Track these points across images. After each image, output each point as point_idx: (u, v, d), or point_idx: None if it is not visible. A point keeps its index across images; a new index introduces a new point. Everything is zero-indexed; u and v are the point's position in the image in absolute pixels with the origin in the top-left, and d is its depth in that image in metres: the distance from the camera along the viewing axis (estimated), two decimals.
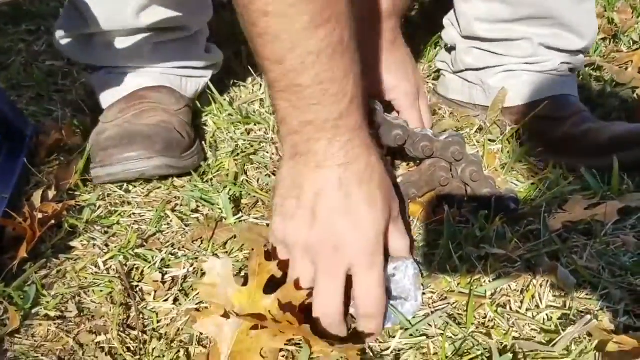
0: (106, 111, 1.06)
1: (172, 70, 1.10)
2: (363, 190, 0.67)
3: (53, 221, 0.87)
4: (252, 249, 0.80)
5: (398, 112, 0.96)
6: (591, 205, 0.88)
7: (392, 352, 0.70)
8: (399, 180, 0.88)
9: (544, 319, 0.74)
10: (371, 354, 0.70)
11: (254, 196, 0.95)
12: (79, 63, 1.20)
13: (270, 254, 0.72)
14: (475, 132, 1.11)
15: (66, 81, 1.32)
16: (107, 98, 1.08)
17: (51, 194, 0.93)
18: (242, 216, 0.91)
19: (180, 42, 1.09)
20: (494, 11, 1.04)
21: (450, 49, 1.18)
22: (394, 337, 0.71)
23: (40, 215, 0.86)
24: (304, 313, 0.68)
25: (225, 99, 1.19)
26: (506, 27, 1.05)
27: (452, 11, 1.13)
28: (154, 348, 0.72)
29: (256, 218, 0.91)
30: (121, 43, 1.05)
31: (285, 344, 0.69)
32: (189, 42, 1.11)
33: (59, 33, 1.09)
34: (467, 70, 1.13)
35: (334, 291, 0.67)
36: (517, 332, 0.72)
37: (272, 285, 0.69)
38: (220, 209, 0.92)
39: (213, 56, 1.17)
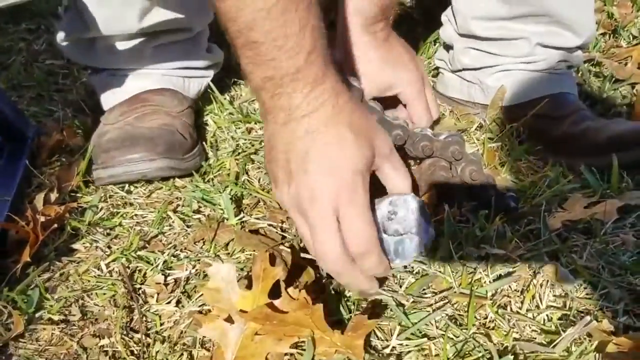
0: (107, 113, 1.06)
1: (174, 72, 1.10)
2: (330, 133, 0.65)
3: (55, 224, 0.88)
4: (256, 252, 0.80)
5: (405, 105, 0.96)
6: (591, 203, 0.89)
7: (394, 354, 0.71)
8: None
9: (544, 320, 0.74)
10: (374, 352, 0.71)
11: (255, 196, 0.96)
12: (80, 63, 1.20)
13: (274, 258, 0.73)
14: (475, 129, 1.11)
15: (67, 80, 1.33)
16: (108, 99, 1.08)
17: (53, 196, 0.94)
18: (244, 216, 0.91)
19: (181, 44, 1.09)
20: (491, 9, 1.04)
21: (447, 47, 1.18)
22: (396, 335, 0.72)
23: (42, 219, 0.87)
24: None
25: (225, 98, 1.19)
26: (503, 25, 1.05)
27: (450, 8, 1.13)
28: (157, 351, 0.73)
29: (257, 218, 0.91)
30: (123, 46, 1.05)
31: (288, 348, 0.69)
32: (190, 43, 1.11)
33: (60, 35, 1.09)
34: (464, 69, 1.13)
35: (327, 236, 0.65)
36: (517, 333, 0.72)
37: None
38: (221, 209, 0.93)
39: (214, 56, 1.17)
